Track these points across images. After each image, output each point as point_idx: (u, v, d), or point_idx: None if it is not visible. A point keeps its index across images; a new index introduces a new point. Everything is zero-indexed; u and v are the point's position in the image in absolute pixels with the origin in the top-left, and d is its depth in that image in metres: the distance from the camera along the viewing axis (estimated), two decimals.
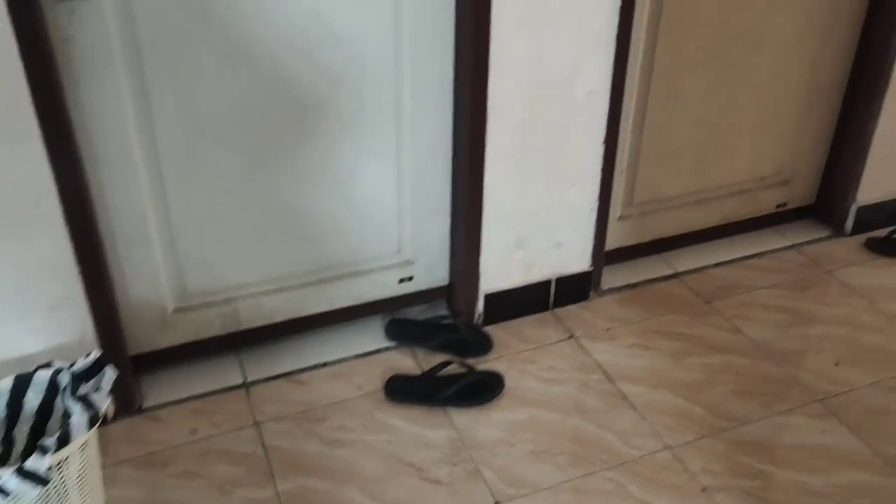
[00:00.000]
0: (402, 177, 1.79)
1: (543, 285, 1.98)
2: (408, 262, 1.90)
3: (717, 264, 2.19)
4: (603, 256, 2.03)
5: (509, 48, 1.64)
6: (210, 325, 1.75)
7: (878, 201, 2.29)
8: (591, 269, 2.01)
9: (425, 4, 1.60)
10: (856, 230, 2.30)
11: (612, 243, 2.09)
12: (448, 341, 1.85)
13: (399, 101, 1.69)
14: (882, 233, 2.29)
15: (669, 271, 2.16)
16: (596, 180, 1.89)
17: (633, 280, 2.12)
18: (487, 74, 1.64)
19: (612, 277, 2.11)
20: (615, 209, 2.06)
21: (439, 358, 1.80)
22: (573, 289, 2.01)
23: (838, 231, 2.31)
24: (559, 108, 1.76)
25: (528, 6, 1.61)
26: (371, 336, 1.90)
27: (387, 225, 1.83)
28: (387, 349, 1.88)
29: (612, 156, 1.87)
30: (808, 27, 2.02)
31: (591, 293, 2.05)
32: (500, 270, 1.91)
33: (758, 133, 2.14)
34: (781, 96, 2.10)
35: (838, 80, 2.15)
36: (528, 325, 1.96)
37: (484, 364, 1.83)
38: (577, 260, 1.99)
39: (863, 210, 2.27)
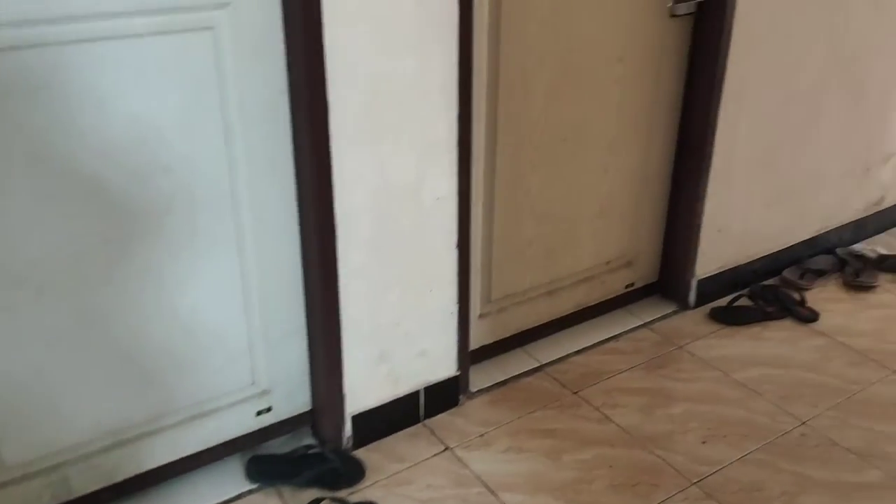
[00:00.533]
0: (249, 302, 1.66)
1: (412, 397, 1.89)
2: (264, 392, 1.75)
3: (578, 352, 2.21)
4: (468, 358, 1.98)
5: (352, 163, 1.59)
6: (38, 499, 1.51)
7: (715, 273, 2.42)
8: (459, 373, 1.96)
9: (259, 128, 1.53)
10: (699, 302, 2.41)
11: (475, 342, 2.05)
12: (317, 474, 1.71)
13: (239, 225, 1.58)
14: (723, 302, 2.42)
15: (534, 364, 2.15)
16: (453, 283, 1.86)
17: (501, 378, 2.09)
18: (332, 192, 1.58)
19: (480, 378, 2.07)
20: (475, 308, 2.04)
21: (309, 495, 1.65)
22: (442, 396, 1.94)
23: (683, 305, 2.41)
24: (409, 216, 1.72)
25: (367, 120, 1.58)
26: (230, 479, 1.73)
27: (237, 354, 1.69)
28: (249, 493, 1.70)
29: (466, 258, 1.85)
30: (633, 122, 2.13)
31: (461, 398, 1.99)
32: (365, 388, 1.81)
33: (599, 221, 2.21)
34: (616, 185, 2.19)
35: (665, 167, 2.27)
36: (400, 442, 1.86)
37: (358, 494, 1.70)
38: (444, 366, 1.93)
39: (703, 282, 2.39)
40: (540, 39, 1.86)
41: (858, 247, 2.72)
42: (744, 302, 2.43)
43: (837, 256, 2.66)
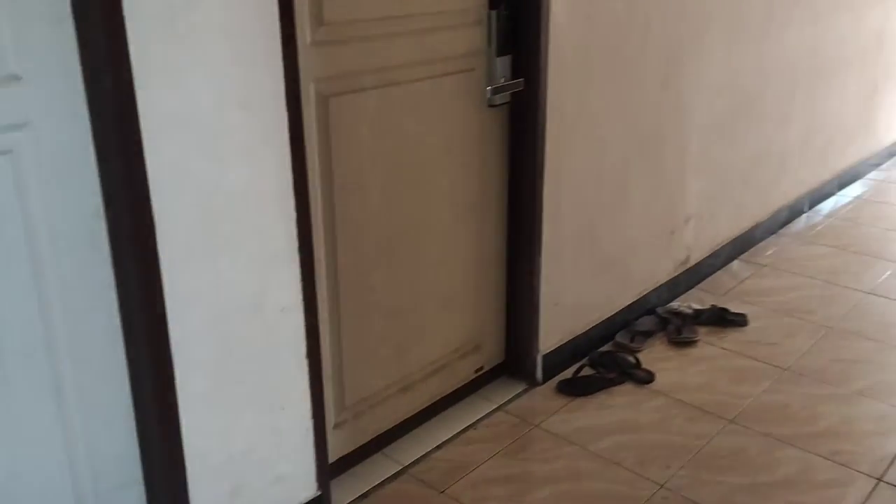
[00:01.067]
0: (74, 453, 1.45)
1: None
2: None
3: (438, 447, 2.14)
4: (328, 475, 1.85)
5: (186, 282, 1.46)
6: None
7: (557, 346, 2.48)
8: (320, 492, 1.82)
9: (74, 257, 1.36)
10: (546, 376, 2.45)
11: (333, 454, 1.93)
12: None
13: (56, 369, 1.38)
14: (569, 373, 2.48)
15: (396, 467, 2.05)
16: (306, 397, 1.74)
17: (364, 488, 1.97)
18: (165, 316, 1.43)
19: (343, 493, 1.94)
20: (330, 418, 1.92)
21: None
22: None
23: (532, 381, 2.44)
24: (254, 331, 1.60)
25: (200, 235, 1.46)
26: None
27: None
28: None
29: (318, 367, 1.75)
30: (465, 211, 2.16)
31: None
32: None
33: (443, 310, 2.20)
34: (456, 273, 2.20)
35: (500, 250, 2.32)
36: None
37: None
38: (304, 488, 1.79)
39: (547, 357, 2.44)
40: (370, 139, 1.85)
41: (675, 304, 2.92)
42: (587, 371, 2.51)
43: (659, 316, 2.84)
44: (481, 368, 2.39)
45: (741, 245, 3.40)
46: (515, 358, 2.45)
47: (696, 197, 2.97)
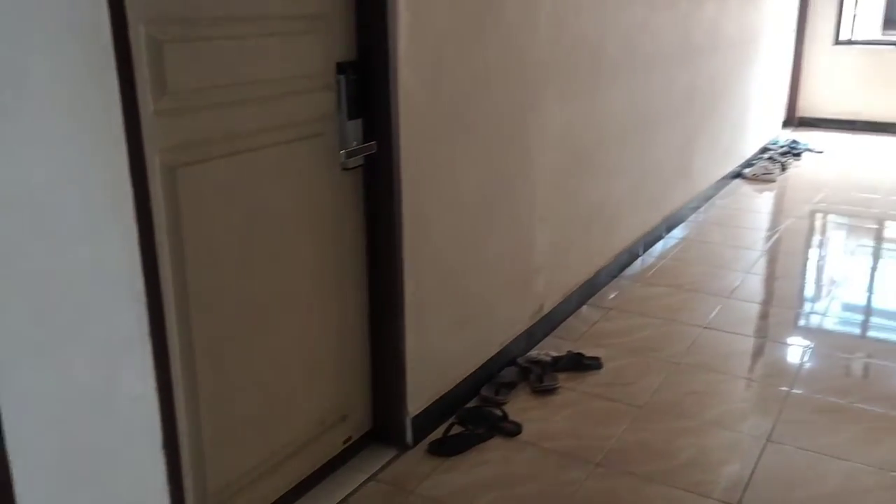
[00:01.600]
0: None
1: None
2: None
3: None
4: None
5: (23, 379, 1.30)
6: None
7: (425, 407, 2.45)
8: None
9: None
10: (417, 439, 2.41)
11: None
12: None
13: None
14: (439, 433, 2.45)
15: None
16: (164, 492, 1.59)
17: None
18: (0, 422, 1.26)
19: None
20: None
21: None
22: None
23: (403, 446, 2.38)
24: (103, 426, 1.45)
25: (38, 325, 1.31)
26: None
27: None
28: None
29: (175, 459, 1.61)
30: (325, 278, 2.11)
31: None
32: None
33: (307, 381, 2.11)
34: (317, 342, 2.13)
35: (363, 314, 2.27)
36: None
37: None
38: None
39: (416, 419, 2.40)
40: (223, 210, 1.76)
41: (534, 353, 2.99)
42: (456, 429, 2.49)
43: (520, 366, 2.89)
44: (349, 439, 2.31)
45: (588, 290, 3.56)
46: (384, 424, 2.39)
47: (545, 247, 3.08)
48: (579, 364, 2.92)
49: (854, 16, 7.90)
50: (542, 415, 2.62)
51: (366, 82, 2.10)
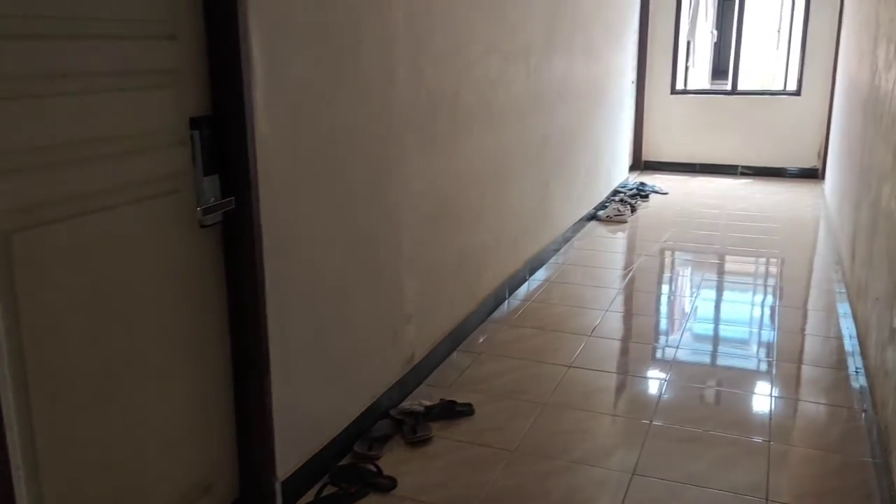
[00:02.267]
0: None
1: None
2: None
3: None
4: None
5: None
6: None
7: (296, 469, 2.36)
8: None
9: None
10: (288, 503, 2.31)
11: None
12: None
13: None
14: (311, 495, 2.36)
15: None
16: None
17: None
18: None
19: None
20: None
21: None
22: None
23: None
24: None
25: None
26: None
27: None
28: None
29: None
30: (184, 341, 2.00)
31: None
32: None
33: (167, 452, 1.98)
34: (177, 409, 2.00)
35: (226, 376, 2.17)
36: None
37: None
38: None
39: (286, 483, 2.31)
40: (66, 276, 1.64)
41: (407, 404, 2.97)
42: (329, 489, 2.41)
43: (393, 418, 2.86)
44: None
45: (458, 336, 3.59)
46: (252, 490, 2.28)
47: (413, 295, 3.09)
48: (452, 412, 2.92)
49: (687, 67, 8.61)
50: (417, 466, 2.59)
51: (222, 137, 2.04)
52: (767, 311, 4.27)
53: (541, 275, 4.74)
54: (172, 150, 1.93)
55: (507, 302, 4.22)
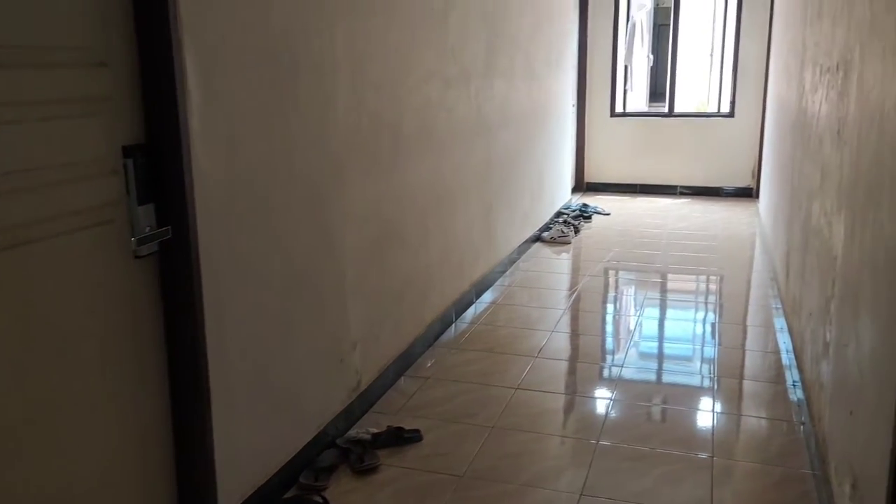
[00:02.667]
0: None
1: None
2: None
3: None
4: None
5: None
6: None
7: (240, 503, 2.30)
8: None
9: None
10: None
11: None
12: None
13: None
14: None
15: None
16: None
17: None
18: None
19: None
20: None
21: None
22: None
23: None
24: None
25: None
26: None
27: None
28: None
29: None
30: (119, 377, 1.93)
31: None
32: None
33: (97, 497, 1.90)
34: (111, 453, 1.93)
35: (164, 413, 2.10)
36: None
37: None
38: None
39: None
40: None
41: (353, 432, 2.92)
42: None
43: (340, 447, 2.81)
44: None
45: (405, 361, 3.57)
46: None
47: (359, 321, 3.06)
48: (399, 438, 2.89)
49: (625, 91, 8.81)
50: (364, 496, 2.55)
51: (157, 165, 2.00)
52: (709, 328, 4.37)
53: (488, 297, 4.76)
54: (105, 180, 1.87)
55: (454, 325, 4.22)
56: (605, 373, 3.69)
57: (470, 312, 4.46)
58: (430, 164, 3.80)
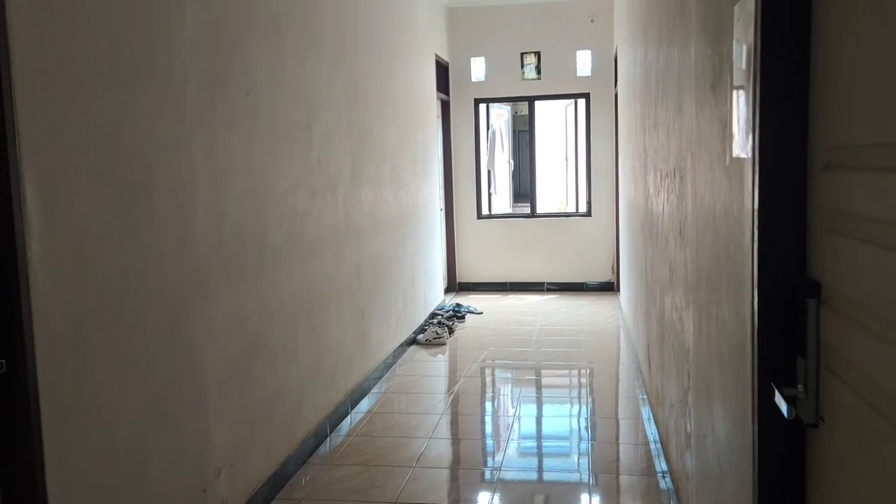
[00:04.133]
0: None
1: None
2: None
3: None
4: None
5: None
6: None
7: None
8: None
9: None
10: None
11: None
12: None
13: None
14: None
15: None
16: None
17: None
18: None
19: None
20: None
21: None
22: None
23: None
24: None
25: None
26: None
27: None
28: None
29: None
30: None
31: None
32: None
33: None
34: None
35: None
36: None
37: None
38: None
39: None
40: None
41: None
42: None
43: None
44: None
45: (277, 481, 3.38)
46: None
47: (224, 445, 2.89)
48: None
49: (490, 194, 9.17)
50: None
51: None
52: (583, 423, 4.44)
53: (364, 405, 4.64)
54: None
55: (328, 439, 4.07)
56: (487, 475, 3.65)
57: (346, 424, 4.32)
58: (299, 272, 3.75)
